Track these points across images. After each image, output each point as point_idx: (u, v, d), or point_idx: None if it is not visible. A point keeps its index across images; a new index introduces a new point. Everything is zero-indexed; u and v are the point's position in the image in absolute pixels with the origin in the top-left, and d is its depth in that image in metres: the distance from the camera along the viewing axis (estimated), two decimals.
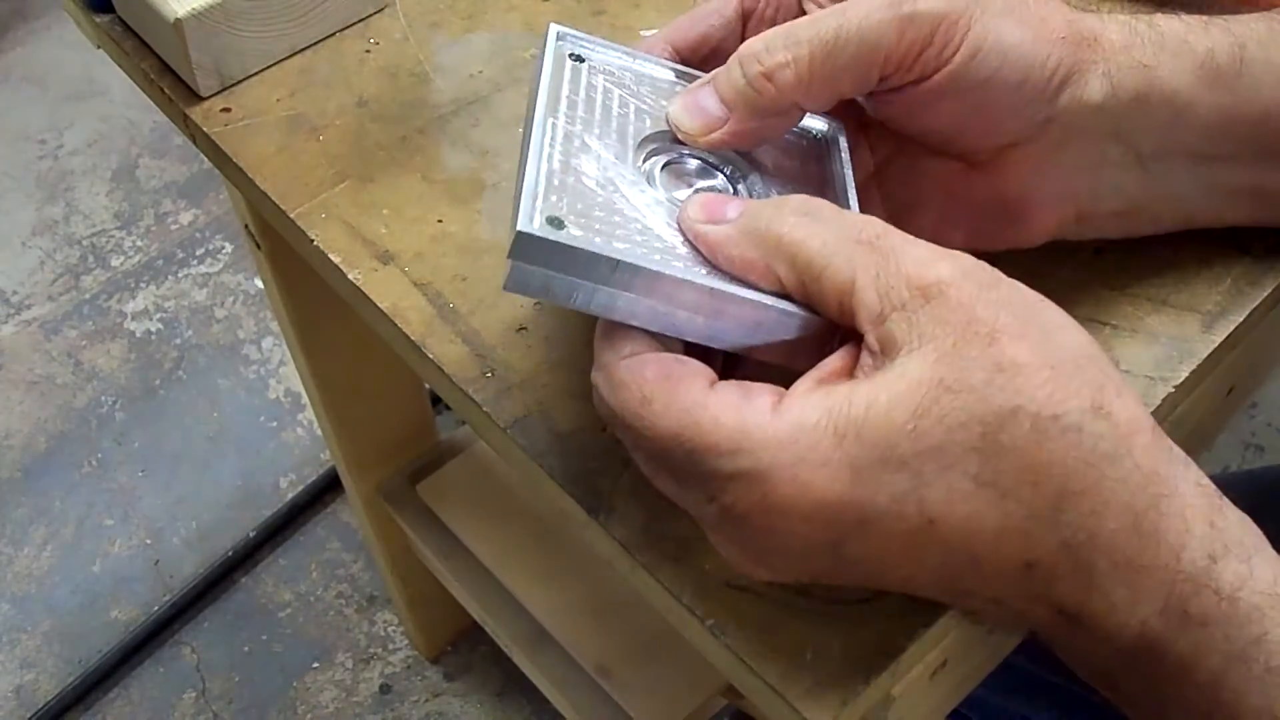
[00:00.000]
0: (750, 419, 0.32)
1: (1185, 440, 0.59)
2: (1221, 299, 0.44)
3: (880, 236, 0.34)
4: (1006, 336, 0.32)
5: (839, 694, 0.36)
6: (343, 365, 0.83)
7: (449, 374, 0.43)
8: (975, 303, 0.32)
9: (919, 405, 0.31)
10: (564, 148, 0.37)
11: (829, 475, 0.31)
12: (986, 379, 0.31)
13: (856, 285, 0.33)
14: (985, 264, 0.34)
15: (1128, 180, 0.42)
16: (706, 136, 0.38)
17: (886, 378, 0.32)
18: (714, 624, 0.38)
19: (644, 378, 0.34)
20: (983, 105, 0.39)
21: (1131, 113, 0.40)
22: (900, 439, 0.31)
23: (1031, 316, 0.33)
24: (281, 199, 0.49)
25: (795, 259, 0.34)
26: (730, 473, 0.32)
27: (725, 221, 0.35)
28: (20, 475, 1.36)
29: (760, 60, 0.37)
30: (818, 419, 0.32)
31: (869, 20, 0.37)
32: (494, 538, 0.89)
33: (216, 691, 1.21)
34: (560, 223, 0.34)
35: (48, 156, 1.65)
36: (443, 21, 0.56)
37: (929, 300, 0.32)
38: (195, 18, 0.49)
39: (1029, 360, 0.32)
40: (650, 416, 0.33)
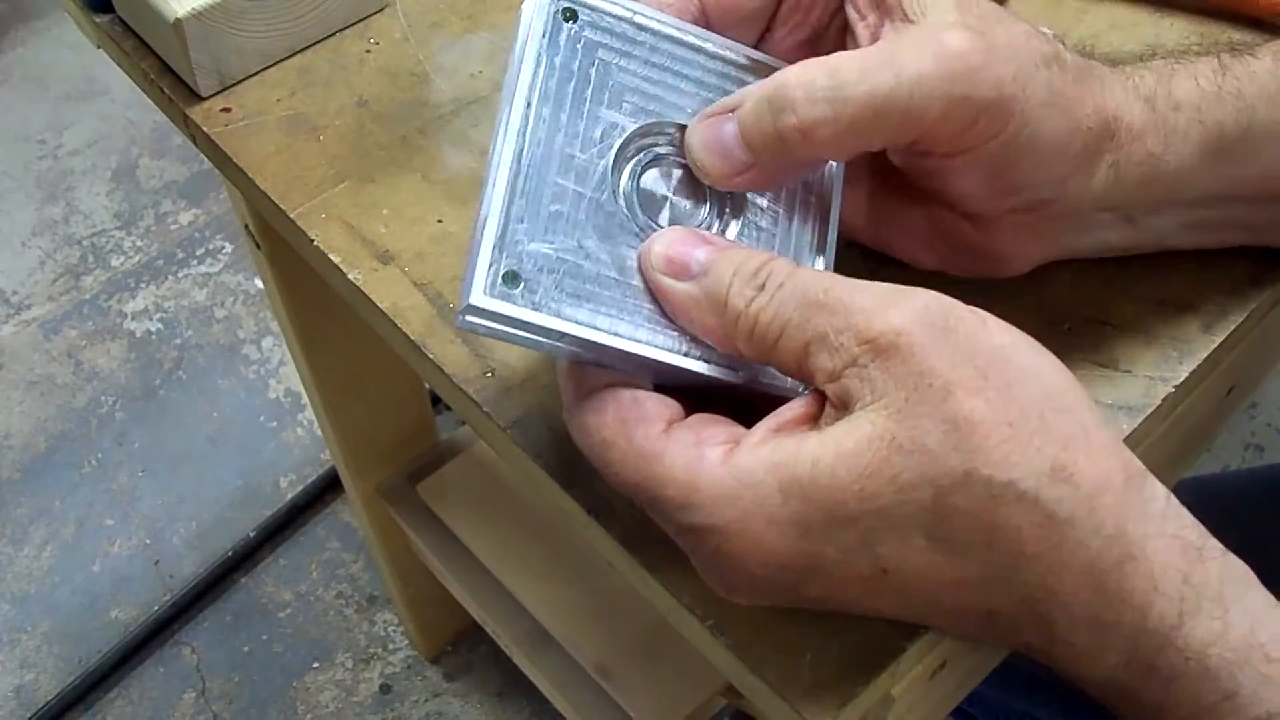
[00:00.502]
0: (700, 474, 0.32)
1: (1185, 440, 0.59)
2: (1221, 299, 0.44)
3: (828, 291, 0.33)
4: (962, 390, 0.31)
5: (838, 694, 0.36)
6: (343, 365, 0.83)
7: (449, 374, 0.43)
8: (928, 354, 0.31)
9: (867, 465, 0.31)
10: (534, 167, 0.35)
11: (776, 532, 0.32)
12: (940, 439, 0.31)
13: (809, 350, 0.33)
14: (944, 302, 0.32)
15: (1114, 235, 0.42)
16: (727, 181, 0.36)
17: (836, 434, 0.32)
18: (714, 624, 0.38)
19: (604, 422, 0.34)
20: (997, 185, 0.38)
21: (1129, 193, 0.39)
22: (847, 498, 0.31)
23: (992, 365, 0.31)
24: (281, 199, 0.49)
25: (751, 333, 0.34)
26: (684, 524, 0.33)
27: (689, 278, 0.34)
28: (20, 475, 1.36)
29: (796, 112, 0.34)
30: (763, 476, 0.32)
31: (919, 91, 0.34)
32: (494, 538, 0.89)
33: (216, 691, 1.21)
34: (516, 279, 0.33)
35: (48, 156, 1.65)
36: (443, 21, 0.55)
37: (880, 354, 0.31)
38: (195, 18, 0.49)
39: (984, 417, 0.31)
40: (612, 464, 0.34)
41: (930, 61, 0.35)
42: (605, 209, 0.36)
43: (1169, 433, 0.49)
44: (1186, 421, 0.54)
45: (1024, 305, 0.44)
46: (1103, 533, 0.31)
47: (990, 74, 0.35)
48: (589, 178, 0.36)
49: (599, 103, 0.36)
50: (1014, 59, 0.35)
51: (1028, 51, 0.36)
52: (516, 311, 0.33)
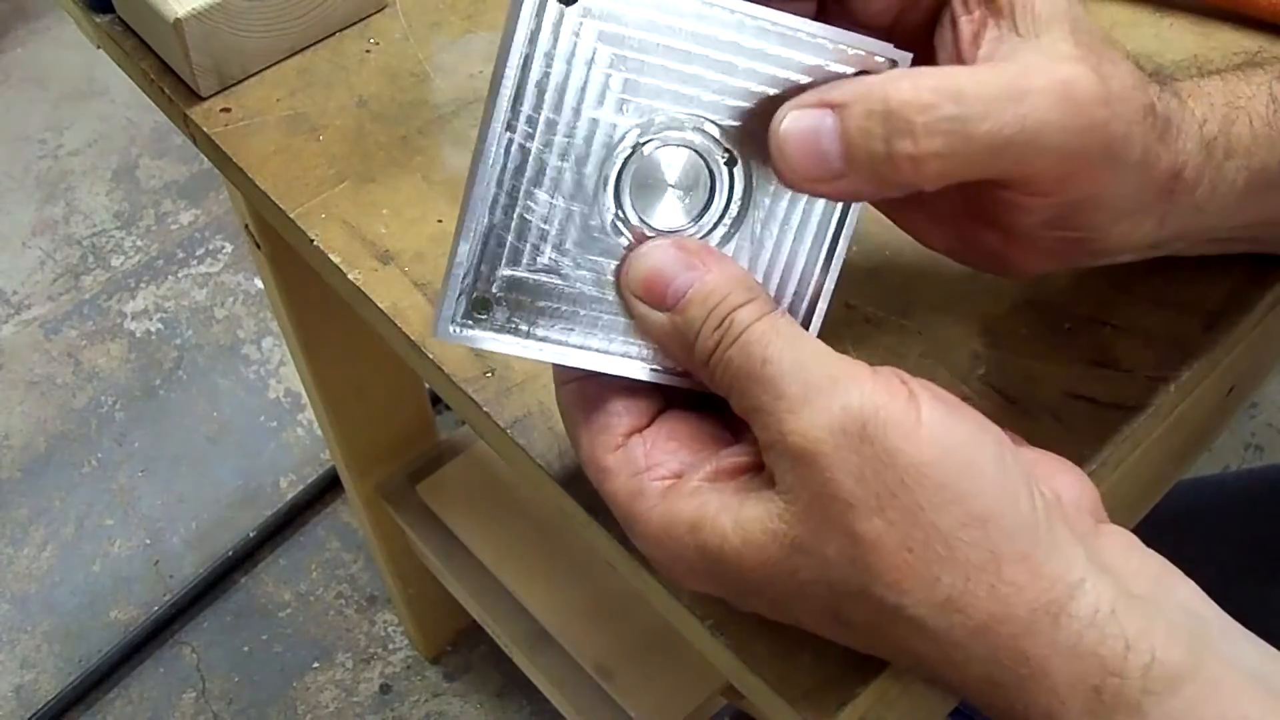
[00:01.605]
0: (636, 509, 0.34)
1: (1185, 440, 0.59)
2: (1221, 299, 0.44)
3: (765, 365, 0.32)
4: (864, 509, 0.30)
5: (838, 694, 0.36)
6: (343, 365, 0.83)
7: (449, 374, 0.43)
8: (834, 467, 0.30)
9: (770, 558, 0.32)
10: (513, 183, 0.34)
11: (697, 577, 0.34)
12: (838, 550, 0.31)
13: (748, 414, 0.33)
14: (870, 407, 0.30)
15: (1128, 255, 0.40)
16: (811, 185, 0.33)
17: (748, 518, 0.32)
18: (714, 624, 0.38)
19: (574, 417, 0.36)
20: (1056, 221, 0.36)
21: (1165, 239, 0.38)
22: (753, 576, 0.33)
23: (902, 486, 0.30)
24: (281, 199, 0.49)
25: (714, 380, 0.34)
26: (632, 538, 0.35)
27: (665, 308, 0.34)
28: (20, 475, 1.36)
29: (914, 138, 0.31)
30: (683, 534, 0.33)
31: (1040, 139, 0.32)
32: (494, 538, 0.88)
33: (216, 691, 1.21)
34: (488, 305, 0.34)
35: (48, 156, 1.65)
36: (443, 21, 0.55)
37: (790, 455, 0.31)
38: (195, 18, 0.49)
39: (882, 540, 0.30)
40: (579, 451, 0.36)
41: (1055, 107, 0.32)
42: (588, 221, 0.34)
43: (1169, 433, 0.49)
44: (1186, 421, 0.54)
45: (1024, 305, 0.44)
46: (998, 656, 0.31)
47: (1108, 133, 0.33)
48: (572, 188, 0.34)
49: (593, 98, 0.34)
50: (1124, 114, 0.33)
51: (1133, 106, 0.34)
52: (483, 342, 0.35)
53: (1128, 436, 0.41)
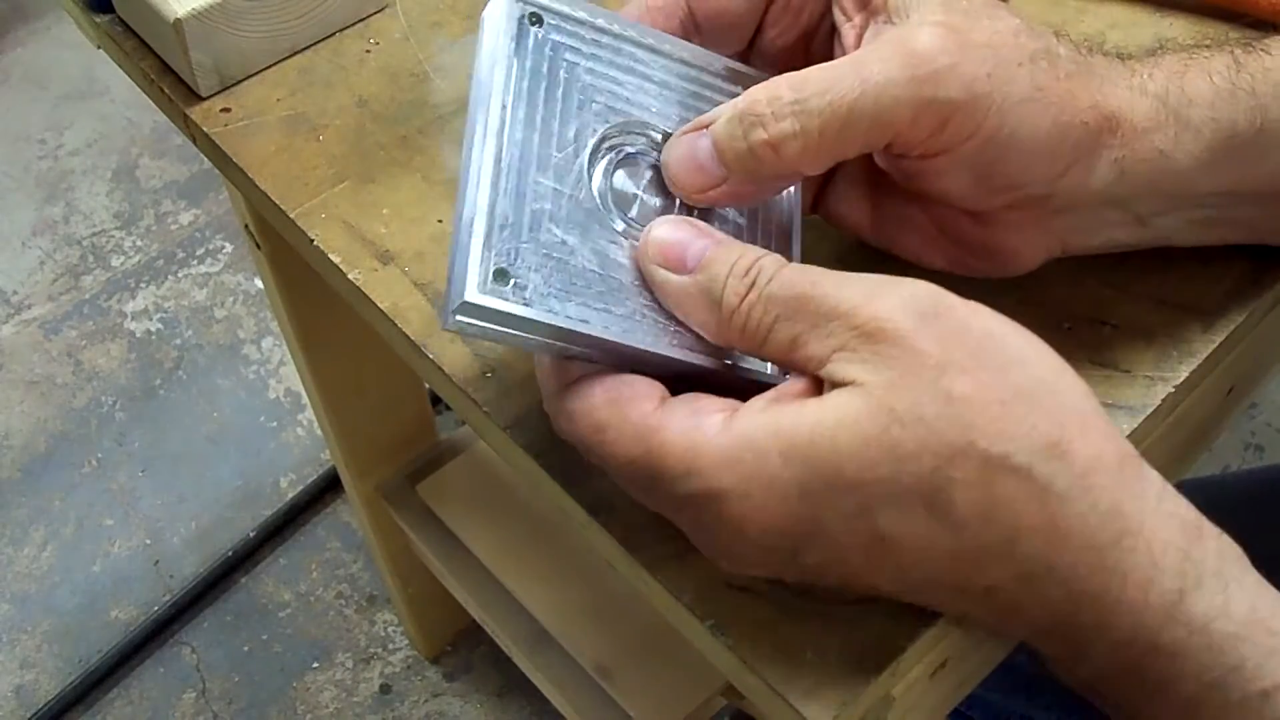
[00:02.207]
0: (700, 439, 0.33)
1: (1185, 440, 0.59)
2: (1221, 299, 0.44)
3: (815, 284, 0.33)
4: (954, 369, 0.31)
5: (839, 694, 0.36)
6: (343, 365, 0.83)
7: (449, 374, 0.43)
8: (918, 338, 0.31)
9: (867, 434, 0.31)
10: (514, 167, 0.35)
11: (777, 496, 0.32)
12: (937, 412, 0.31)
13: (798, 341, 0.33)
14: (933, 290, 0.33)
15: (1120, 233, 0.41)
16: (703, 195, 0.37)
17: (837, 402, 0.32)
18: (714, 624, 0.38)
19: (593, 405, 0.34)
20: (983, 182, 0.38)
21: (1136, 191, 0.39)
22: (847, 465, 0.31)
23: (982, 349, 0.32)
24: (281, 199, 0.49)
25: (744, 328, 0.34)
26: (685, 494, 0.33)
27: (685, 272, 0.35)
28: (20, 475, 1.36)
29: (765, 127, 0.35)
30: (765, 440, 0.32)
31: (885, 96, 0.35)
32: (494, 538, 0.88)
33: (216, 691, 1.21)
34: (506, 276, 0.34)
35: (48, 156, 1.65)
36: (443, 21, 0.55)
37: (869, 338, 0.32)
38: (195, 18, 0.49)
39: (976, 394, 0.31)
40: (606, 444, 0.34)
41: (896, 66, 0.35)
42: (584, 206, 0.36)
43: (1169, 433, 0.49)
44: (1186, 421, 0.54)
45: (1024, 305, 0.44)
46: (1099, 509, 0.31)
47: (959, 74, 0.35)
48: (567, 176, 0.36)
49: (570, 104, 0.37)
50: (990, 57, 0.35)
51: (1009, 49, 0.36)
52: (510, 307, 0.34)
53: (1128, 436, 0.41)
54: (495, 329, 0.34)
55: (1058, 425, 0.31)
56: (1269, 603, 0.32)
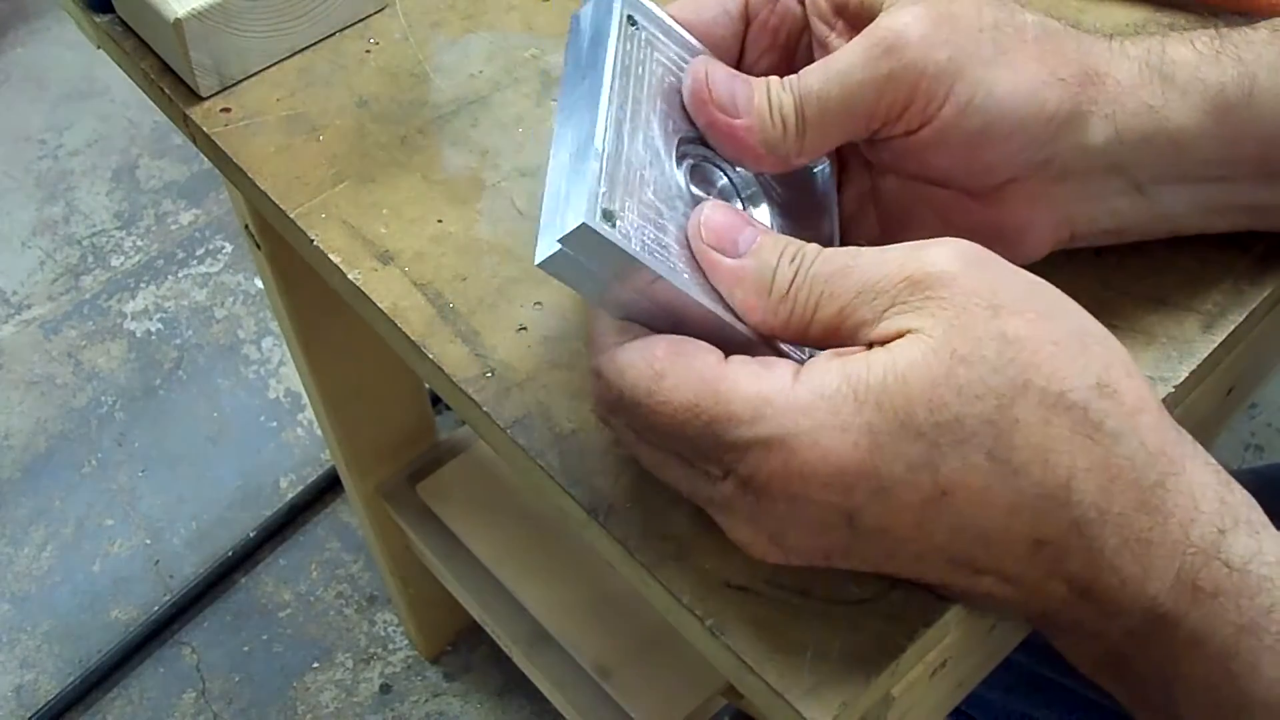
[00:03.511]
0: (770, 386, 0.33)
1: None
2: (1221, 299, 0.44)
3: (857, 256, 0.34)
4: (1006, 311, 0.32)
5: (839, 694, 0.36)
6: (343, 365, 0.83)
7: (449, 374, 0.43)
8: (969, 280, 0.32)
9: (935, 374, 0.31)
10: (623, 134, 0.36)
11: (849, 441, 0.32)
12: (996, 351, 0.32)
13: (844, 312, 0.34)
14: (975, 245, 0.34)
15: (1124, 205, 0.42)
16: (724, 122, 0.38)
17: (902, 346, 0.32)
18: (714, 624, 0.38)
19: (655, 355, 0.34)
20: (976, 152, 0.38)
21: (1133, 152, 0.40)
22: (918, 408, 0.31)
23: (1029, 295, 0.33)
24: (281, 199, 0.49)
25: (791, 313, 0.34)
26: (750, 440, 0.32)
27: (736, 255, 0.35)
28: (20, 475, 1.36)
29: None
30: (838, 385, 0.32)
31: (848, 82, 0.37)
32: (494, 538, 0.89)
33: (216, 691, 1.21)
34: (613, 218, 0.34)
35: (48, 156, 1.65)
36: (443, 21, 0.56)
37: (921, 287, 0.33)
38: (195, 18, 0.49)
39: (1031, 334, 0.32)
40: (664, 392, 0.33)
41: (856, 51, 0.37)
42: (674, 186, 0.37)
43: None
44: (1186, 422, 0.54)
45: None
46: (1147, 448, 0.32)
47: (914, 45, 0.36)
48: (661, 156, 0.37)
49: (656, 103, 0.38)
50: (947, 26, 0.37)
51: (968, 18, 0.37)
52: (623, 240, 0.34)
53: None
54: (585, 268, 0.34)
55: (1105, 366, 0.32)
56: None
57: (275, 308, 0.79)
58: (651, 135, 0.37)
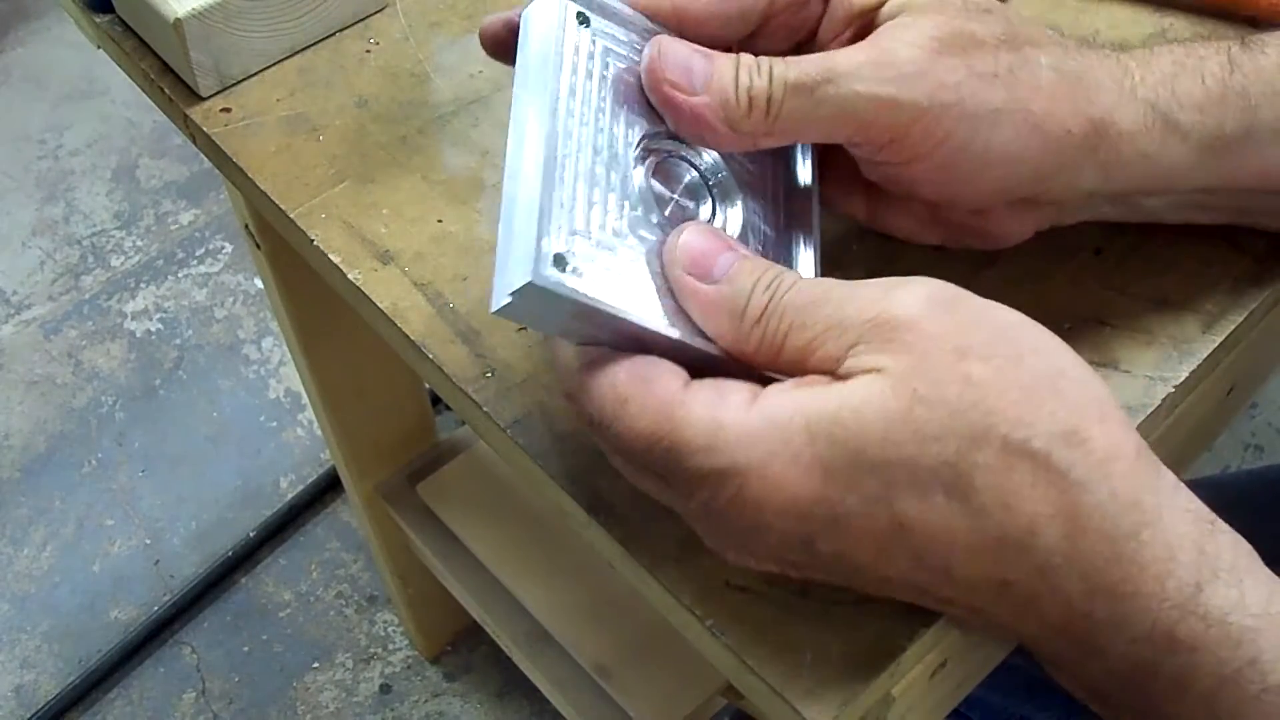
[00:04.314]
0: (724, 415, 0.32)
1: (1185, 440, 0.59)
2: (1221, 299, 0.44)
3: (829, 290, 0.34)
4: (973, 355, 0.31)
5: (839, 694, 0.36)
6: (343, 365, 0.83)
7: (449, 374, 0.43)
8: (936, 325, 0.32)
9: (893, 413, 0.31)
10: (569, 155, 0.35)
11: (800, 473, 0.32)
12: (959, 393, 0.31)
13: (813, 345, 0.33)
14: (948, 286, 0.33)
15: (1110, 210, 0.42)
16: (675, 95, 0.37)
17: (863, 381, 0.32)
18: (714, 624, 0.38)
19: (618, 379, 0.34)
20: (963, 188, 0.38)
21: (1121, 188, 0.40)
22: (872, 444, 0.31)
23: (1000, 338, 0.32)
24: (281, 199, 0.49)
25: (761, 339, 0.34)
26: (706, 470, 0.33)
27: (711, 280, 0.35)
28: (20, 475, 1.36)
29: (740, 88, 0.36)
30: (791, 415, 0.32)
31: (846, 87, 0.36)
32: (494, 538, 0.88)
33: (216, 691, 1.21)
34: (564, 261, 0.33)
35: (48, 156, 1.65)
36: (443, 21, 0.55)
37: (887, 329, 0.32)
38: (195, 18, 0.49)
39: (997, 380, 0.31)
40: (628, 417, 0.33)
41: (863, 62, 0.36)
42: (631, 200, 0.36)
43: (1169, 433, 0.49)
44: (1186, 421, 0.54)
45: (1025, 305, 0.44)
46: (1118, 499, 0.31)
47: (924, 81, 0.36)
48: (616, 169, 0.36)
49: (616, 102, 0.37)
50: (961, 67, 0.36)
51: (984, 60, 0.36)
52: (569, 292, 0.33)
53: None
54: (542, 314, 0.34)
55: (1077, 413, 0.31)
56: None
57: (275, 308, 0.79)
58: (612, 140, 0.36)
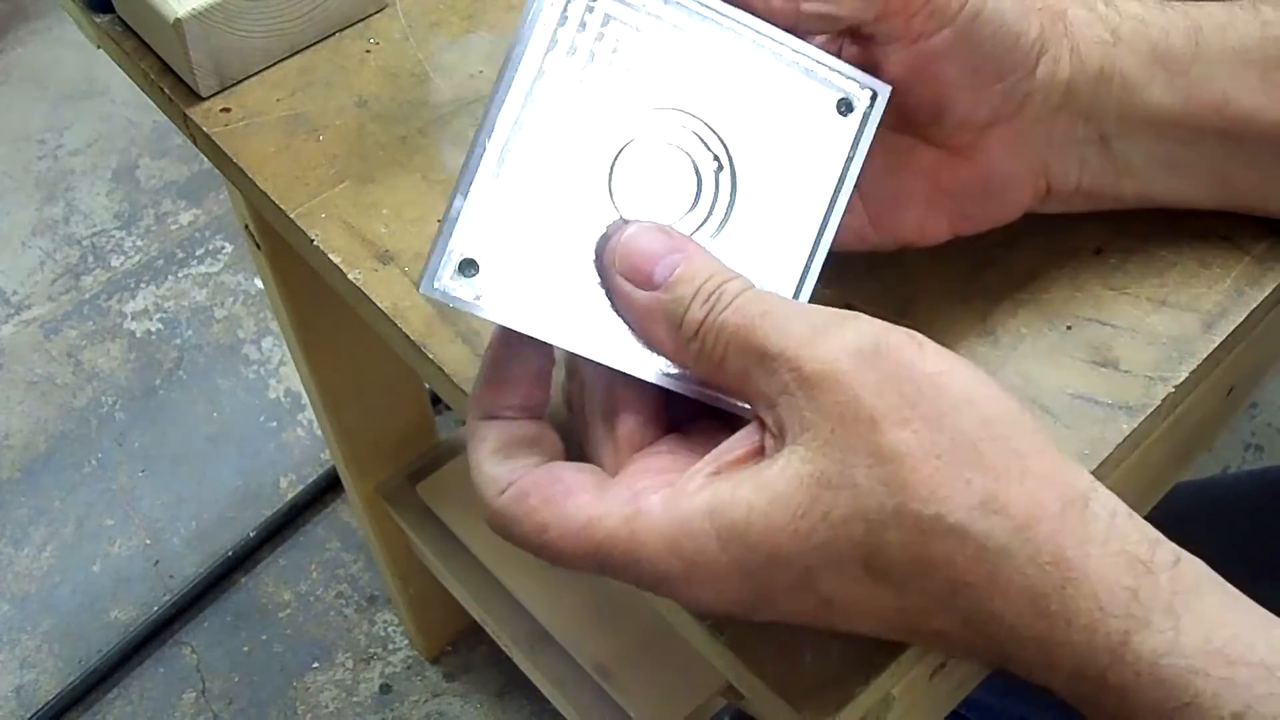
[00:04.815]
0: (639, 528, 0.32)
1: (1185, 440, 0.59)
2: (1221, 299, 0.44)
3: (765, 315, 0.33)
4: (887, 422, 0.31)
5: (839, 694, 0.36)
6: (343, 365, 0.83)
7: (449, 374, 0.43)
8: (854, 384, 0.31)
9: (799, 505, 0.31)
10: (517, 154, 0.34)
11: (719, 577, 0.32)
12: (867, 473, 0.31)
13: (749, 373, 0.33)
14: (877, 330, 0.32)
15: (1092, 156, 0.42)
16: None
17: (769, 476, 0.32)
18: (714, 624, 0.38)
19: (530, 508, 0.34)
20: (978, 70, 0.39)
21: (1095, 90, 0.40)
22: (783, 540, 0.31)
23: (922, 394, 0.31)
24: (281, 199, 0.49)
25: (700, 353, 0.34)
26: (636, 578, 0.33)
27: (650, 288, 0.34)
28: (20, 475, 1.36)
29: None
30: (701, 524, 0.32)
31: None
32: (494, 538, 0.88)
33: (216, 691, 1.21)
34: (474, 266, 0.33)
35: (48, 156, 1.65)
36: (443, 21, 0.55)
37: (806, 385, 0.31)
38: (195, 18, 0.49)
39: (911, 449, 0.31)
40: (553, 544, 0.34)
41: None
42: (584, 199, 0.35)
43: (1169, 433, 0.49)
44: (1186, 421, 0.54)
45: (1025, 306, 0.44)
46: (1039, 560, 0.31)
47: None
48: (573, 167, 0.35)
49: (604, 86, 0.35)
50: None
51: None
52: (462, 302, 0.34)
53: (1128, 436, 0.41)
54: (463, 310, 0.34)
55: (994, 478, 0.31)
56: (1226, 630, 0.31)
57: (275, 308, 0.79)
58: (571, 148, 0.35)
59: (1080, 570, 0.31)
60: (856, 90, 0.37)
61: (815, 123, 0.37)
